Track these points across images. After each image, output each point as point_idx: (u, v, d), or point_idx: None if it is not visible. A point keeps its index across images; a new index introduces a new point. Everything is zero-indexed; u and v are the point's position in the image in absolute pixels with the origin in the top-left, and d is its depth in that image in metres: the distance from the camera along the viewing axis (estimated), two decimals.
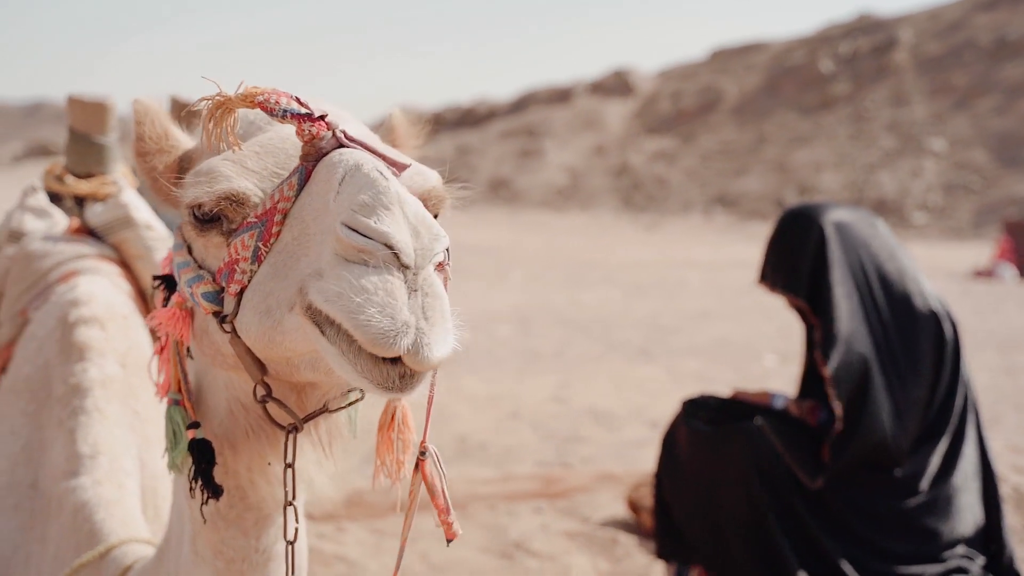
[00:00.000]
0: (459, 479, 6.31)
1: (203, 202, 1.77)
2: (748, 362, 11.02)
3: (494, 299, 15.91)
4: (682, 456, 4.25)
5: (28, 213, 3.99)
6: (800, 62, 47.74)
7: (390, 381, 1.55)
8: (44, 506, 2.91)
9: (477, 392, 9.09)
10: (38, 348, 3.24)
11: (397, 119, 2.24)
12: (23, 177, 32.07)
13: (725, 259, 23.49)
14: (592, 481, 6.22)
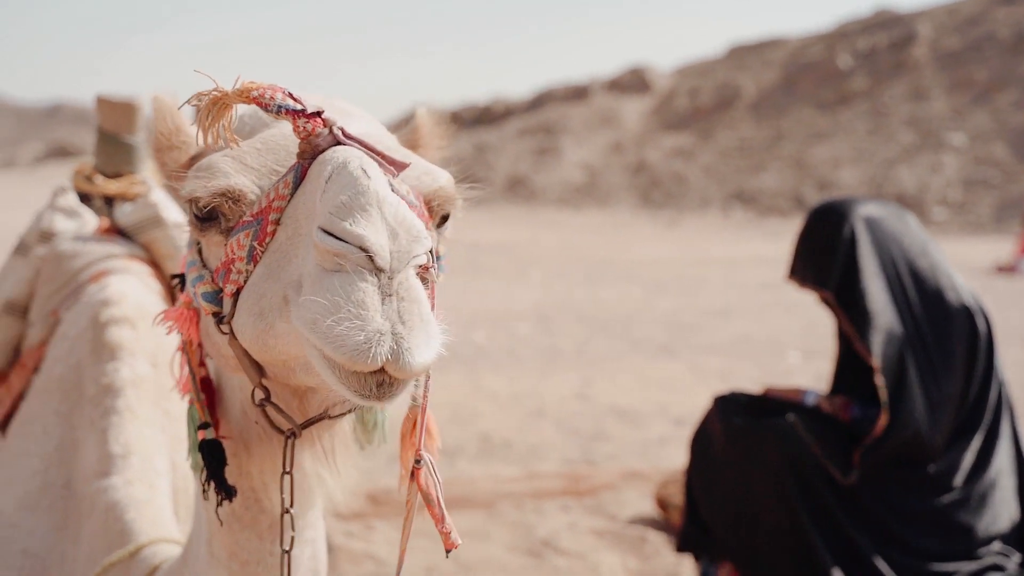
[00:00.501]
0: (485, 477, 6.31)
1: (199, 197, 1.74)
2: (771, 359, 10.98)
3: (514, 297, 15.90)
4: (715, 452, 4.23)
5: (58, 213, 4.00)
6: (818, 58, 47.54)
7: (367, 389, 1.50)
8: (77, 506, 2.92)
9: (500, 390, 9.08)
10: (70, 348, 3.24)
11: (421, 118, 2.20)
12: (44, 178, 32.37)
13: (744, 256, 23.41)
14: (618, 479, 6.20)
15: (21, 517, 2.98)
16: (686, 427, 7.85)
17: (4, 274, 3.92)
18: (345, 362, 1.44)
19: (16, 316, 3.79)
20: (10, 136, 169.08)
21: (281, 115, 1.64)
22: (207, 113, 1.70)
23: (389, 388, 1.49)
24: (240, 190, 1.73)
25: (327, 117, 1.65)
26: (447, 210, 1.85)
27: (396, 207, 1.51)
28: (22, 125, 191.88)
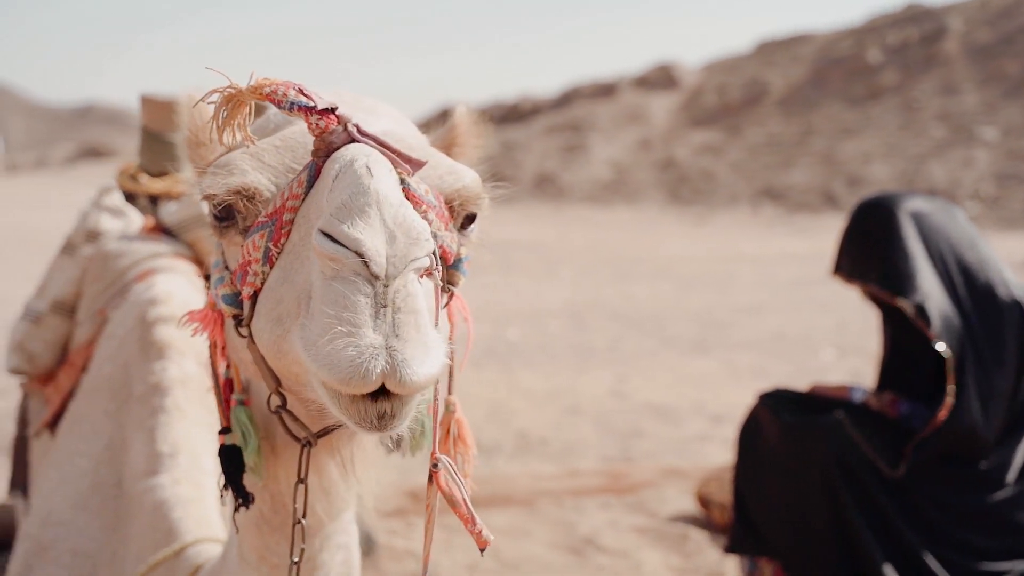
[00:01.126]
0: (524, 475, 6.30)
1: (214, 195, 1.72)
2: (805, 356, 10.91)
3: (544, 294, 15.87)
4: (763, 449, 4.19)
5: (104, 212, 4.03)
6: (847, 53, 47.19)
7: (367, 421, 1.47)
8: (127, 505, 2.93)
9: (535, 387, 9.07)
10: (118, 347, 3.25)
11: (459, 117, 2.17)
12: (75, 178, 32.66)
13: (775, 252, 23.27)
14: (658, 476, 6.18)
15: (72, 516, 3.00)
16: (723, 424, 7.82)
17: (52, 274, 3.95)
18: (338, 384, 1.39)
19: (64, 315, 3.82)
20: (41, 137, 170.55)
21: (294, 112, 1.61)
22: (221, 110, 1.67)
23: (390, 420, 1.45)
24: (255, 187, 1.70)
25: (342, 114, 1.62)
26: (471, 210, 1.80)
27: (397, 208, 1.46)
28: (53, 126, 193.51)
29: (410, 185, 1.63)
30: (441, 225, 1.70)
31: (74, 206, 13.53)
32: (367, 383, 1.37)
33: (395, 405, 1.45)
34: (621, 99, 53.05)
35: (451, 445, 1.98)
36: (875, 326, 11.92)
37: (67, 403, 3.51)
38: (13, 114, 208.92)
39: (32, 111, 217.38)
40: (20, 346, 3.78)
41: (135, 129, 4.44)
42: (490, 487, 5.89)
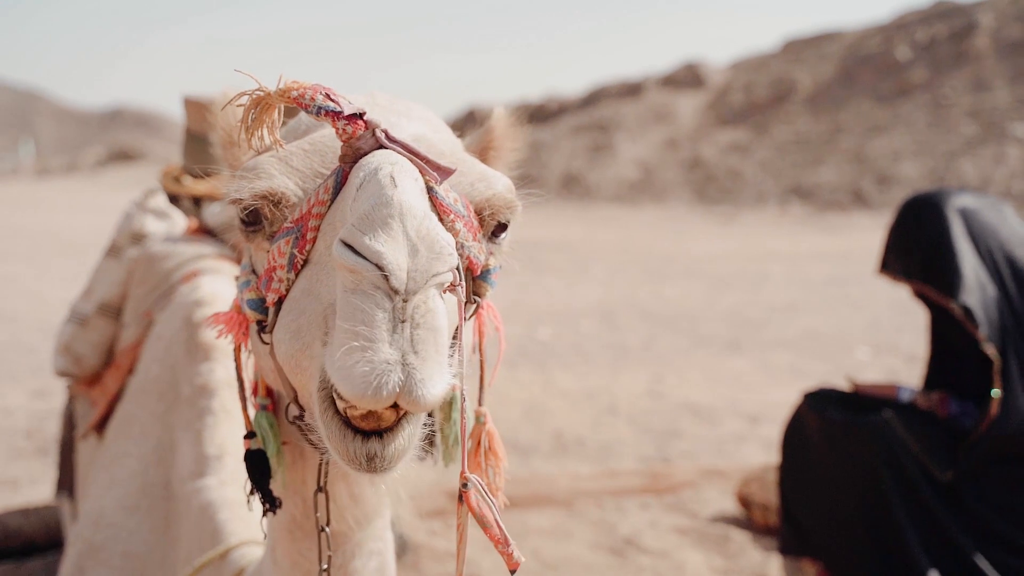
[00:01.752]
0: (563, 475, 6.27)
1: (240, 199, 1.68)
2: (840, 355, 10.83)
3: (575, 294, 15.84)
4: (809, 449, 4.16)
5: (149, 215, 4.04)
6: (876, 50, 46.87)
7: (357, 461, 1.44)
8: (175, 507, 2.93)
9: (570, 387, 9.04)
10: (165, 349, 3.26)
11: (495, 119, 2.11)
12: (106, 182, 32.90)
13: (805, 251, 23.14)
14: (697, 476, 6.14)
15: (122, 518, 3.00)
16: (761, 424, 7.77)
17: (97, 276, 3.97)
18: (353, 398, 1.36)
19: (110, 317, 3.84)
20: (71, 141, 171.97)
21: (321, 116, 1.57)
22: (249, 114, 1.65)
23: (380, 462, 1.43)
24: (281, 192, 1.67)
25: (370, 119, 1.58)
26: (503, 218, 1.76)
27: (421, 221, 1.41)
28: (83, 130, 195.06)
29: (438, 194, 1.60)
30: (469, 235, 1.66)
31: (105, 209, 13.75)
32: (379, 399, 1.34)
33: (386, 447, 1.42)
34: (647, 98, 52.91)
35: (482, 457, 1.95)
36: (909, 324, 11.91)
37: (114, 405, 3.53)
38: (43, 118, 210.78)
39: (62, 115, 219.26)
40: (67, 348, 3.80)
41: (163, 132, 4.44)
42: (529, 487, 5.87)
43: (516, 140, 2.12)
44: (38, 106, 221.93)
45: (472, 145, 2.10)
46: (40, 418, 7.68)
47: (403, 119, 1.78)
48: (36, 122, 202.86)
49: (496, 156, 2.11)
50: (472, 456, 1.95)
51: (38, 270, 17.53)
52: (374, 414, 1.42)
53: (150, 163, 60.69)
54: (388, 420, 1.43)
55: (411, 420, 1.46)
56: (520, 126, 2.14)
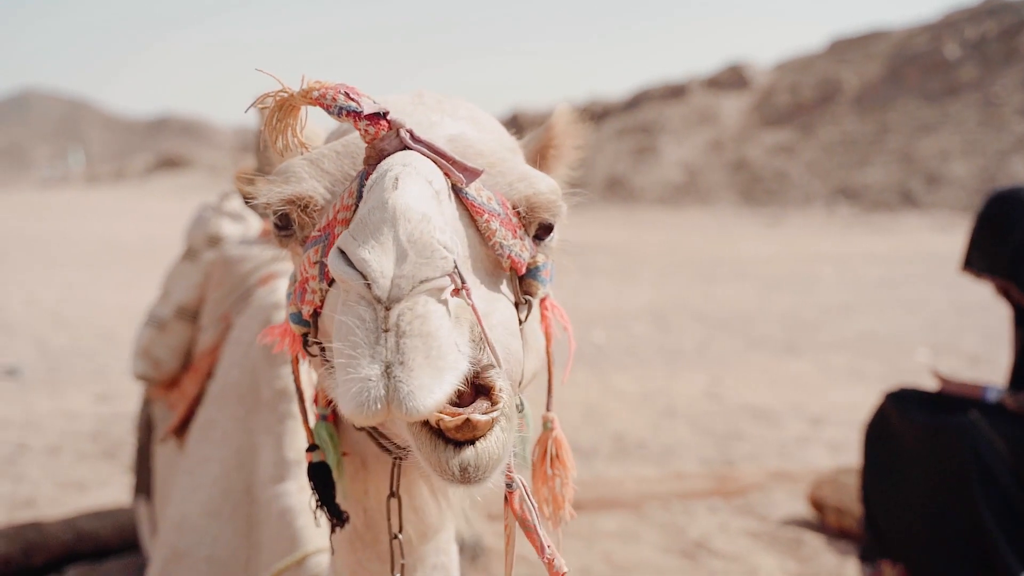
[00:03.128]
0: (630, 478, 6.22)
1: (268, 204, 1.63)
2: (899, 356, 10.70)
3: (625, 297, 15.78)
4: (893, 448, 4.08)
5: (225, 217, 4.05)
6: (924, 49, 46.37)
7: (449, 472, 1.36)
8: (257, 511, 2.92)
9: (628, 390, 8.99)
10: (244, 352, 3.25)
11: (556, 117, 2.04)
12: (153, 189, 33.23)
13: (855, 252, 22.93)
14: (765, 479, 6.06)
15: (205, 523, 3.00)
16: (824, 426, 7.68)
17: (174, 280, 3.98)
18: (348, 417, 1.30)
19: (188, 321, 3.84)
20: (119, 149, 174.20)
21: (343, 117, 1.52)
22: (274, 116, 1.59)
23: (476, 472, 1.35)
24: (309, 196, 1.61)
25: (394, 119, 1.53)
26: (544, 218, 1.70)
27: (415, 224, 1.33)
28: (130, 138, 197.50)
29: (468, 194, 1.56)
30: (508, 233, 1.62)
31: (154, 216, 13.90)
32: (368, 416, 1.28)
33: (480, 458, 1.35)
34: (692, 100, 52.72)
35: (547, 465, 1.87)
36: (970, 325, 11.75)
37: (193, 409, 3.53)
38: (92, 127, 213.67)
39: (110, 124, 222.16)
40: (146, 352, 3.81)
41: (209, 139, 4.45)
42: (595, 490, 5.83)
43: (577, 138, 2.06)
44: (87, 116, 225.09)
45: (532, 143, 2.07)
46: (104, 422, 7.75)
47: (446, 118, 1.75)
48: (84, 131, 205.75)
49: (556, 155, 2.07)
50: (539, 464, 1.89)
51: (93, 276, 17.74)
52: (469, 423, 1.36)
53: (196, 170, 61.33)
54: (482, 429, 1.37)
55: (501, 424, 1.39)
56: (581, 123, 2.10)
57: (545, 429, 1.91)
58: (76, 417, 7.91)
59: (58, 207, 40.36)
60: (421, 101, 1.81)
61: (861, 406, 8.13)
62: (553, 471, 1.87)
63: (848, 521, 5.07)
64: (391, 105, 1.76)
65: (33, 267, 19.07)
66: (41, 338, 11.67)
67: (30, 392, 8.83)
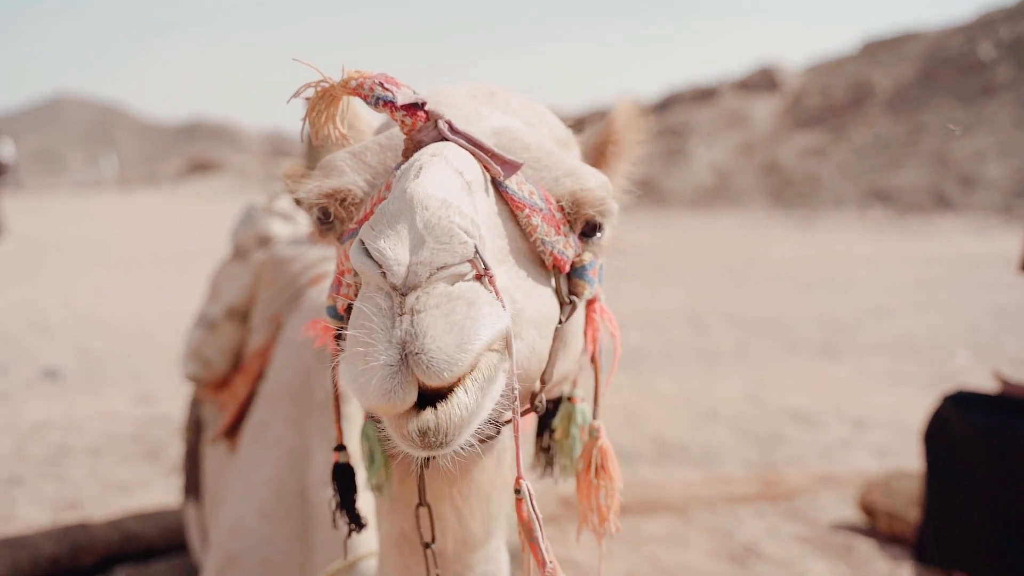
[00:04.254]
0: (675, 481, 6.17)
1: (305, 198, 1.62)
2: (939, 359, 10.57)
3: (660, 299, 15.69)
4: (956, 454, 4.00)
5: (275, 217, 4.04)
6: (958, 50, 45.95)
7: (408, 440, 1.31)
8: (312, 514, 2.91)
9: (667, 392, 8.93)
10: (297, 353, 3.23)
11: (619, 110, 2.00)
12: (185, 193, 33.45)
13: (890, 255, 22.72)
14: (812, 483, 5.99)
15: (259, 525, 2.99)
16: (867, 430, 7.59)
17: (224, 280, 3.96)
18: (368, 406, 1.28)
19: (238, 321, 3.83)
20: (151, 153, 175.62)
21: (380, 107, 1.48)
22: (314, 107, 1.57)
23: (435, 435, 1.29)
24: (348, 189, 1.60)
25: (431, 109, 1.50)
26: (591, 215, 1.66)
27: (435, 211, 1.29)
28: (162, 142, 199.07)
29: (508, 188, 1.53)
30: (551, 229, 1.59)
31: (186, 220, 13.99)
32: (393, 404, 1.25)
33: (440, 419, 1.29)
34: (722, 103, 52.48)
35: (592, 475, 1.83)
36: (1011, 328, 11.61)
37: (244, 410, 3.51)
38: (124, 132, 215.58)
39: (142, 129, 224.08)
40: (196, 353, 3.80)
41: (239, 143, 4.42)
42: (640, 493, 5.78)
43: (639, 133, 2.02)
44: (119, 121, 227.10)
45: (591, 139, 2.03)
46: (145, 423, 7.77)
47: (496, 111, 1.72)
48: (116, 135, 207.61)
49: (616, 151, 2.02)
50: (583, 474, 1.85)
51: (128, 279, 17.85)
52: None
53: (226, 174, 61.65)
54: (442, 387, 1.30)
55: (468, 386, 1.31)
56: (643, 117, 2.05)
57: (591, 438, 1.87)
58: (116, 419, 7.94)
59: (92, 211, 40.68)
60: (473, 93, 1.79)
61: (903, 409, 8.04)
62: (598, 481, 1.83)
63: (900, 526, 5.00)
64: (443, 97, 1.74)
65: (69, 270, 19.22)
66: (80, 340, 11.74)
67: (70, 394, 8.87)
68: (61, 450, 7.05)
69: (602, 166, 2.02)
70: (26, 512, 5.71)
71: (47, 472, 6.52)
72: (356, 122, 1.95)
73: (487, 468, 1.84)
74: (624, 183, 2.15)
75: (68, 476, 6.46)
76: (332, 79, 1.54)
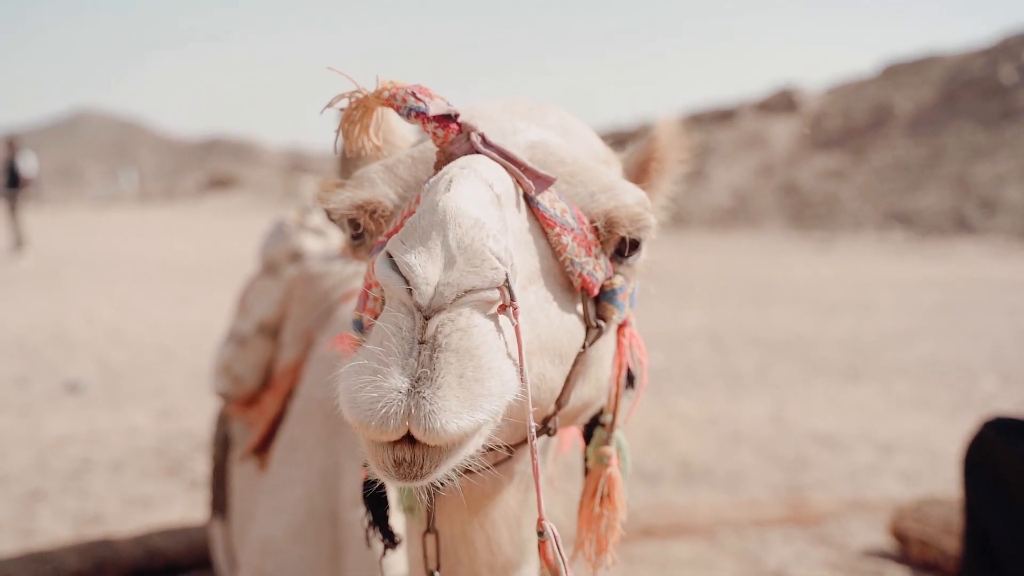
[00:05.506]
0: (702, 503, 6.11)
1: (335, 209, 1.59)
2: (965, 384, 10.47)
3: (680, 319, 15.62)
4: (1004, 483, 3.92)
5: (307, 233, 4.01)
6: (979, 73, 45.83)
7: (385, 467, 1.26)
8: (343, 535, 2.87)
9: (690, 413, 8.87)
10: (328, 370, 3.20)
11: (660, 127, 1.93)
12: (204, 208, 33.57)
13: (912, 278, 22.59)
14: (840, 508, 5.92)
15: (289, 546, 2.96)
16: (894, 455, 7.51)
17: (254, 295, 3.93)
18: (357, 426, 1.21)
19: (268, 337, 3.80)
20: (171, 169, 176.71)
21: (412, 119, 1.45)
22: (347, 117, 1.53)
23: (410, 468, 1.24)
24: (378, 201, 1.56)
25: (464, 121, 1.45)
26: (628, 233, 1.61)
27: (467, 229, 1.24)
28: (181, 159, 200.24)
29: (539, 204, 1.49)
30: (581, 250, 1.55)
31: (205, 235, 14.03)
32: (384, 431, 1.18)
33: (417, 453, 1.24)
34: (742, 124, 52.46)
35: (596, 503, 1.76)
36: None
37: (273, 428, 3.48)
38: (144, 148, 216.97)
39: (162, 144, 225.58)
40: (227, 369, 3.77)
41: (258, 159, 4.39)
42: (667, 516, 5.72)
43: (683, 150, 1.96)
44: (140, 136, 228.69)
45: (633, 156, 1.98)
46: (167, 438, 7.75)
47: (532, 125, 1.68)
48: (136, 151, 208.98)
49: (658, 168, 1.97)
50: (587, 500, 1.79)
51: (149, 294, 17.89)
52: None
53: (245, 190, 61.91)
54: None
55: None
56: (688, 134, 2.00)
57: (599, 464, 1.80)
58: (138, 433, 7.93)
59: (112, 225, 40.88)
60: (510, 107, 1.75)
61: (930, 434, 7.96)
62: (602, 510, 1.76)
63: (933, 554, 4.92)
64: (479, 111, 1.70)
65: (90, 284, 19.28)
66: (101, 354, 11.75)
67: (92, 408, 8.87)
68: (83, 464, 7.03)
69: (643, 184, 1.98)
70: (48, 526, 5.69)
71: (69, 486, 6.51)
72: (391, 136, 1.92)
73: (512, 491, 1.80)
74: (664, 201, 2.10)
75: (90, 490, 6.44)
76: (366, 89, 1.52)
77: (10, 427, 8.10)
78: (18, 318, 14.54)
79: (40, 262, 23.62)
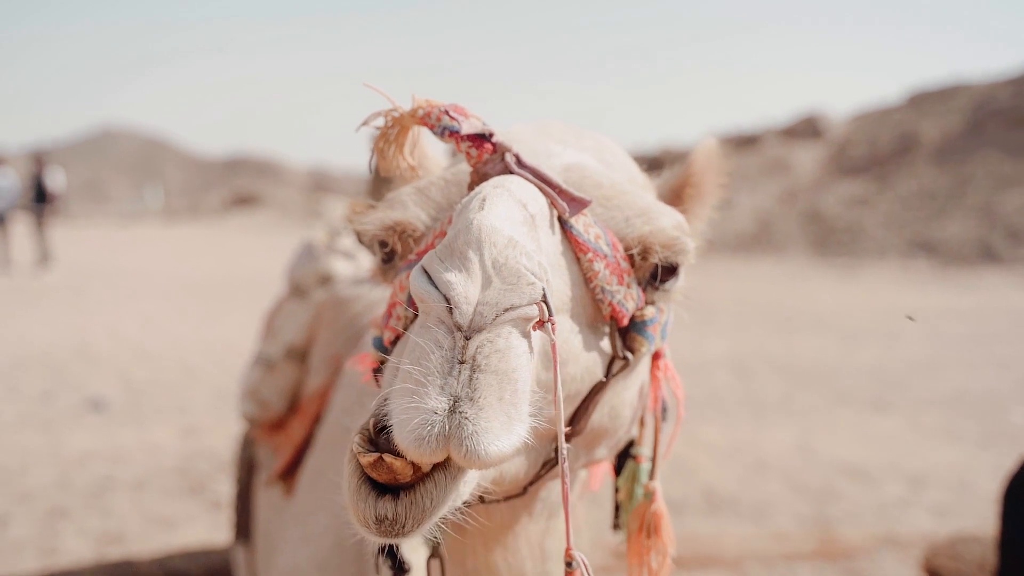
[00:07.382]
0: (729, 535, 6.02)
1: (365, 231, 1.57)
2: (994, 415, 10.33)
3: (703, 346, 15.52)
4: None
5: (337, 256, 3.97)
6: (1006, 103, 45.62)
7: (366, 523, 1.22)
8: (369, 566, 2.82)
9: (714, 441, 8.77)
10: (357, 398, 3.16)
11: (699, 151, 1.91)
12: (228, 226, 33.72)
13: (937, 307, 22.39)
14: (871, 542, 5.83)
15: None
16: (925, 488, 7.40)
17: (282, 319, 3.89)
18: (402, 446, 1.17)
19: (296, 361, 3.76)
20: (196, 186, 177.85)
21: (446, 138, 1.43)
22: (384, 136, 1.50)
23: (391, 525, 1.20)
24: (408, 222, 1.54)
25: (499, 142, 1.43)
26: (663, 259, 1.57)
27: (502, 248, 1.22)
28: (206, 176, 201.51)
29: (573, 228, 1.46)
30: (613, 278, 1.51)
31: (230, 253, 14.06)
32: (422, 451, 1.15)
33: (399, 511, 1.21)
34: (765, 150, 52.37)
35: (644, 537, 1.75)
36: None
37: (300, 453, 3.44)
38: (170, 165, 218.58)
39: (188, 162, 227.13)
40: (254, 393, 3.73)
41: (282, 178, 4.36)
42: (693, 546, 5.64)
43: (719, 175, 1.93)
44: (165, 154, 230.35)
45: (670, 180, 1.95)
46: (189, 457, 7.72)
47: (569, 148, 1.65)
48: (162, 168, 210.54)
49: (694, 193, 1.94)
50: (635, 535, 1.77)
51: (172, 311, 17.92)
52: (383, 464, 1.20)
53: (270, 208, 62.15)
54: (404, 475, 1.21)
55: (437, 479, 1.23)
56: (724, 158, 1.95)
57: (644, 499, 1.79)
58: (161, 451, 7.90)
59: (136, 241, 41.09)
60: (545, 130, 1.73)
61: (961, 467, 7.84)
62: (649, 542, 1.75)
63: None
64: (515, 134, 1.67)
65: (114, 300, 19.34)
66: (125, 371, 11.76)
67: (115, 425, 8.86)
68: (106, 481, 7.01)
69: (678, 209, 1.94)
70: (71, 545, 5.66)
71: (92, 504, 6.48)
72: (424, 160, 1.89)
73: (535, 519, 1.77)
74: (701, 226, 2.06)
75: (112, 509, 6.41)
76: (402, 108, 1.49)
77: (33, 443, 8.09)
78: (43, 333, 14.59)
79: (65, 277, 23.72)
